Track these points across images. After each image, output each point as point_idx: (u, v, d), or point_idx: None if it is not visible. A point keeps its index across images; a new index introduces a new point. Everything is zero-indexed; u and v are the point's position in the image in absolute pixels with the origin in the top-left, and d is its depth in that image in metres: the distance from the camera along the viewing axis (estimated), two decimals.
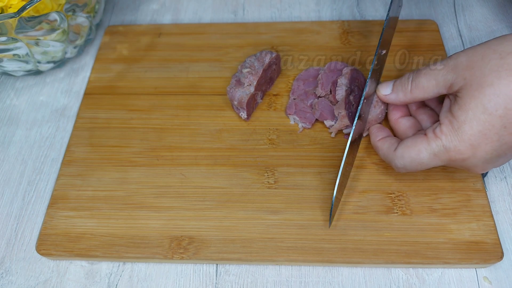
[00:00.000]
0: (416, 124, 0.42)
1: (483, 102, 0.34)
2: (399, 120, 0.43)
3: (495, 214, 0.41)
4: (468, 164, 0.36)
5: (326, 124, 0.45)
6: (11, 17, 0.42)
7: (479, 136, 0.34)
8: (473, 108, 0.34)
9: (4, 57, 0.48)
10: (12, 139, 0.49)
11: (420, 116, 0.42)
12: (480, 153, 0.35)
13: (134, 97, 0.50)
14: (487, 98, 0.33)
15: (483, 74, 0.34)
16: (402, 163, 0.38)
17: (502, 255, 0.38)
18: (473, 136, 0.34)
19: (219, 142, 0.46)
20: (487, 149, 0.34)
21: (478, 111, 0.34)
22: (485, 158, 0.35)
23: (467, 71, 0.35)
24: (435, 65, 0.38)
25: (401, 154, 0.38)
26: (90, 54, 0.56)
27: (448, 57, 0.37)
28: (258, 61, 0.47)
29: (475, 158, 0.35)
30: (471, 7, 0.57)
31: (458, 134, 0.35)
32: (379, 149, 0.41)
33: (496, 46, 0.34)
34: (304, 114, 0.46)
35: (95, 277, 0.40)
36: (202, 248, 0.40)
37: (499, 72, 0.33)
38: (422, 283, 0.38)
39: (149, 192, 0.43)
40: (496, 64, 0.34)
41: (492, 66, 0.34)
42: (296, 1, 0.59)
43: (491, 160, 0.35)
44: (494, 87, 0.33)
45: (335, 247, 0.39)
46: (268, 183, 0.43)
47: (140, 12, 0.60)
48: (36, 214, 0.44)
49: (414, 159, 0.37)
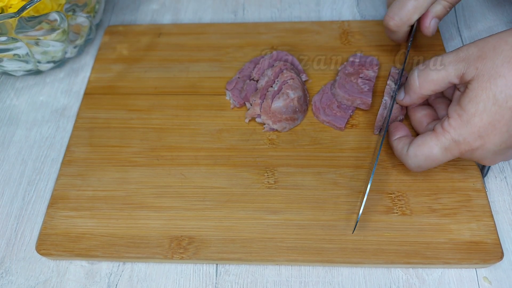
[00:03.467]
0: (432, 113, 0.42)
1: (495, 93, 0.34)
2: (415, 108, 0.43)
3: (495, 214, 0.41)
4: (477, 155, 0.36)
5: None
6: (11, 17, 0.42)
7: (488, 128, 0.34)
8: (484, 99, 0.34)
9: (4, 57, 0.48)
10: (12, 139, 0.49)
11: (437, 105, 0.42)
12: (489, 144, 0.35)
13: (134, 97, 0.50)
14: (499, 89, 0.34)
15: (494, 65, 0.34)
16: (416, 162, 0.38)
17: (502, 255, 0.38)
18: (482, 128, 0.34)
19: (219, 142, 0.46)
20: (495, 141, 0.35)
21: (489, 102, 0.34)
22: (494, 150, 0.35)
23: (479, 62, 0.35)
24: (444, 57, 0.37)
25: (414, 153, 0.38)
26: (90, 54, 0.56)
27: (458, 48, 0.37)
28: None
29: (484, 150, 0.35)
30: (471, 7, 0.57)
31: (467, 126, 0.35)
32: (394, 149, 0.41)
33: (508, 37, 0.34)
34: (238, 93, 0.48)
35: (95, 277, 0.40)
36: (202, 248, 0.40)
37: (511, 64, 0.33)
38: (422, 283, 0.38)
39: (149, 192, 0.43)
40: (508, 56, 0.34)
41: (504, 57, 0.34)
42: (296, 1, 0.59)
43: (500, 151, 0.36)
44: (506, 78, 0.33)
45: (335, 247, 0.39)
46: (268, 183, 0.43)
47: (140, 12, 0.60)
48: (36, 214, 0.44)
49: (428, 156, 0.37)
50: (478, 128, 0.35)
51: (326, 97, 0.47)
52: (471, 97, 0.35)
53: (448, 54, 0.37)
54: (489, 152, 0.36)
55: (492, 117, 0.34)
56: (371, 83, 0.46)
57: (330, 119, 0.46)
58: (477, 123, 0.35)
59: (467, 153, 0.36)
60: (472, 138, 0.35)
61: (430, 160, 0.37)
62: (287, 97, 0.45)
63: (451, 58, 0.37)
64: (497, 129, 0.34)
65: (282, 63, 0.47)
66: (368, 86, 0.46)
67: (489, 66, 0.34)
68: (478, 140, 0.35)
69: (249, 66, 0.50)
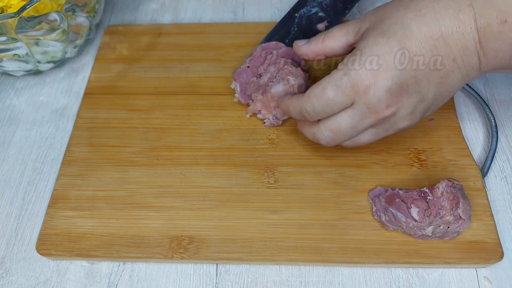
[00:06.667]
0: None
1: (383, 28, 0.36)
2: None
3: (495, 214, 0.41)
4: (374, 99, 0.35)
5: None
6: (11, 17, 0.42)
7: (377, 60, 0.35)
8: (374, 35, 0.36)
9: (4, 57, 0.48)
10: (12, 139, 0.49)
11: None
12: (381, 80, 0.35)
13: (134, 97, 0.50)
14: (386, 25, 0.35)
15: (385, 12, 0.37)
16: (311, 105, 0.37)
17: (502, 254, 0.38)
18: (371, 58, 0.35)
19: (219, 142, 0.46)
20: (386, 76, 0.34)
21: (378, 36, 0.35)
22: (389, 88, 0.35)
23: (372, 16, 0.37)
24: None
25: (307, 94, 0.38)
26: (90, 54, 0.56)
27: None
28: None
29: (377, 88, 0.35)
30: None
31: (357, 59, 0.35)
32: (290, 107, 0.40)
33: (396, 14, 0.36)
34: (244, 88, 0.47)
35: (95, 277, 0.40)
36: (202, 248, 0.40)
37: (397, 9, 0.36)
38: (422, 282, 0.38)
39: (149, 192, 0.43)
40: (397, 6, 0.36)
41: (393, 6, 0.36)
42: None
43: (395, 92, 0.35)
44: (393, 18, 0.36)
45: (335, 246, 0.39)
46: (268, 182, 0.43)
47: (140, 12, 0.60)
48: (36, 214, 0.44)
49: (320, 96, 0.37)
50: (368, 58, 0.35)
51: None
52: (363, 37, 0.37)
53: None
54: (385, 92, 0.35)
55: (380, 49, 0.35)
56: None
57: None
58: (367, 53, 0.35)
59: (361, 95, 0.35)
60: (363, 71, 0.35)
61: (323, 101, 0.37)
62: (287, 83, 0.44)
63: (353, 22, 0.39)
64: (386, 61, 0.34)
65: (284, 60, 0.46)
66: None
67: (381, 15, 0.37)
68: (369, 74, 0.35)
69: (261, 55, 0.48)
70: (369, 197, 0.41)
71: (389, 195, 0.39)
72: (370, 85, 0.35)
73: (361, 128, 0.37)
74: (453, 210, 0.37)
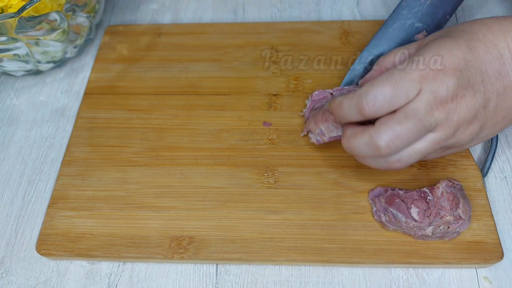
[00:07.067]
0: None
1: (448, 35, 0.36)
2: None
3: (495, 214, 0.41)
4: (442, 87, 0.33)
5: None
6: (11, 17, 0.42)
7: (441, 60, 0.34)
8: (440, 39, 0.36)
9: (4, 57, 0.48)
10: (12, 139, 0.49)
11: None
12: (449, 70, 0.34)
13: (134, 97, 0.50)
14: (452, 32, 0.37)
15: (450, 28, 0.38)
16: (372, 95, 0.33)
17: (502, 255, 0.38)
18: (435, 58, 0.34)
19: (219, 142, 0.46)
20: (455, 66, 0.34)
21: (444, 37, 0.36)
22: (457, 78, 0.33)
23: (436, 33, 0.39)
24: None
25: (364, 89, 0.34)
26: (90, 54, 0.56)
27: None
28: None
29: (446, 75, 0.34)
30: (471, 8, 0.57)
31: (421, 60, 0.35)
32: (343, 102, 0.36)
33: (463, 26, 0.37)
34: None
35: (95, 277, 0.40)
36: (202, 248, 0.40)
37: (463, 24, 0.37)
38: (422, 283, 0.38)
39: (149, 192, 0.43)
40: (463, 23, 0.37)
41: (459, 24, 0.37)
42: (296, 1, 0.59)
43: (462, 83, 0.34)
44: (459, 28, 0.37)
45: (335, 247, 0.39)
46: (268, 183, 0.43)
47: (140, 12, 0.60)
48: (36, 214, 0.44)
49: (382, 88, 0.33)
50: (433, 59, 0.35)
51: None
52: (427, 45, 0.36)
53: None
54: (450, 78, 0.33)
55: (446, 49, 0.35)
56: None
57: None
58: (432, 52, 0.35)
59: (429, 81, 0.33)
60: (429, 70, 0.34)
61: (388, 94, 0.33)
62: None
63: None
64: (454, 56, 0.34)
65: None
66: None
67: (445, 30, 0.38)
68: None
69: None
70: (369, 197, 0.41)
71: (389, 195, 0.39)
72: (439, 70, 0.34)
73: (428, 124, 0.33)
74: (453, 210, 0.37)
